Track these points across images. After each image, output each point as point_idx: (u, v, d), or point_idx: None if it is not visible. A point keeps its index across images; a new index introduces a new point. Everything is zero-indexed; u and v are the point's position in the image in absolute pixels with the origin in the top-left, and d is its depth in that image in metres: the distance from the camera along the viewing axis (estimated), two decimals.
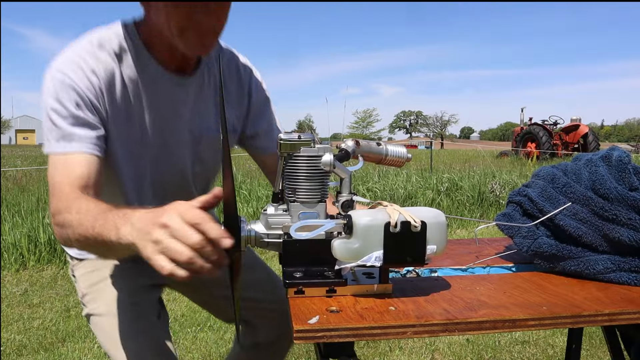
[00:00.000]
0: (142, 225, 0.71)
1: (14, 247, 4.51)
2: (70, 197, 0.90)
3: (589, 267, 0.98)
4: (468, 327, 0.78)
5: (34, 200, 6.08)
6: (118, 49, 1.04)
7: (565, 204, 1.02)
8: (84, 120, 0.98)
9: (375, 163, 1.00)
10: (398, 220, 0.81)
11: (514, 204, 1.13)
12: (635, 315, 0.83)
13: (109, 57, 1.02)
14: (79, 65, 0.99)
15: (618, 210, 0.95)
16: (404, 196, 6.80)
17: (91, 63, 1.00)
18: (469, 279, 1.00)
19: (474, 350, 2.73)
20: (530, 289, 0.93)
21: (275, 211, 0.91)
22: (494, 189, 7.02)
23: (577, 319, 0.81)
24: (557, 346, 2.78)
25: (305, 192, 0.89)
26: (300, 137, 0.88)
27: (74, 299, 3.60)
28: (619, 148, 1.07)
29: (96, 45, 1.02)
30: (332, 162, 0.87)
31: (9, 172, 9.40)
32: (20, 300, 3.61)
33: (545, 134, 15.84)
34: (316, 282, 0.86)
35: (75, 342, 2.89)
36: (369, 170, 8.08)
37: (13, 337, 2.95)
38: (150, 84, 1.07)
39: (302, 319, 0.76)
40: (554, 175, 1.09)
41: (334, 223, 0.84)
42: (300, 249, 0.87)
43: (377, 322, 0.75)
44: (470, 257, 1.17)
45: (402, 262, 0.83)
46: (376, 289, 0.88)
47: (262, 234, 0.91)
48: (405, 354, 2.70)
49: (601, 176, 1.00)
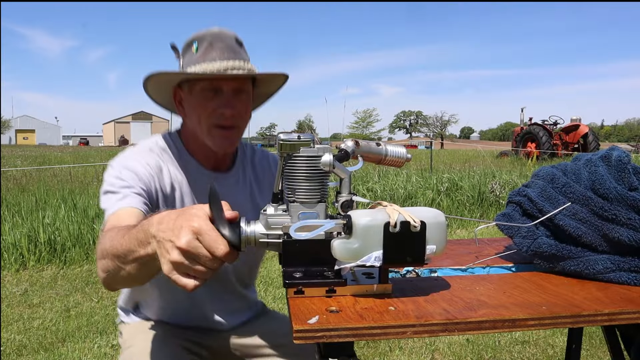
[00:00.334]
0: (162, 238, 0.75)
1: (14, 247, 4.51)
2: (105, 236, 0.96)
3: (589, 267, 0.98)
4: (468, 327, 0.78)
5: (34, 200, 6.08)
6: (163, 151, 1.25)
7: (565, 204, 1.02)
8: (137, 190, 1.13)
9: (375, 163, 1.00)
10: (398, 220, 0.81)
11: (513, 204, 1.13)
12: (635, 315, 0.83)
13: (157, 156, 1.23)
14: (135, 158, 1.19)
15: (618, 210, 0.95)
16: (404, 196, 6.81)
17: (144, 158, 1.20)
18: (469, 279, 1.01)
19: (474, 350, 2.73)
20: (530, 289, 0.93)
21: (275, 211, 0.91)
22: (494, 189, 7.02)
23: (577, 318, 0.81)
24: (557, 346, 2.78)
25: (305, 192, 0.89)
26: (299, 137, 0.88)
27: (74, 299, 3.61)
28: (618, 148, 1.07)
29: (147, 149, 1.24)
30: (331, 162, 0.87)
31: (9, 172, 9.41)
32: (20, 300, 3.61)
33: (545, 134, 15.85)
34: (316, 282, 0.86)
35: (75, 342, 2.90)
36: (369, 170, 8.08)
37: (13, 337, 2.96)
38: (191, 179, 1.25)
39: (302, 319, 0.76)
40: (554, 175, 1.09)
41: (334, 223, 0.84)
42: (300, 249, 0.87)
43: (377, 322, 0.75)
44: (470, 257, 1.17)
45: (401, 262, 0.83)
46: (376, 289, 0.88)
47: (262, 234, 0.91)
48: (405, 354, 2.70)
49: (601, 176, 1.00)
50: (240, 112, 1.19)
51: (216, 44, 1.17)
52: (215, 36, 1.18)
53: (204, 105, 1.17)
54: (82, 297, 3.66)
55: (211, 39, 1.17)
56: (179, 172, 1.24)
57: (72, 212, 5.26)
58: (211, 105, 1.16)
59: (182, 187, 1.24)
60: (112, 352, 2.76)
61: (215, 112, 1.17)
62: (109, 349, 2.80)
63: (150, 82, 1.20)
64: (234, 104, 1.17)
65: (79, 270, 4.33)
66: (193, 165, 1.26)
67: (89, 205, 5.57)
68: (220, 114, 1.16)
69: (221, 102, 1.17)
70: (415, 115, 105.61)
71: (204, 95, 1.17)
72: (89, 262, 4.54)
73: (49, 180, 8.24)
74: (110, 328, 3.08)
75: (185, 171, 1.25)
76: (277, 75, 1.23)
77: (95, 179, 8.69)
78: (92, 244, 4.76)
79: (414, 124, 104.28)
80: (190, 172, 1.25)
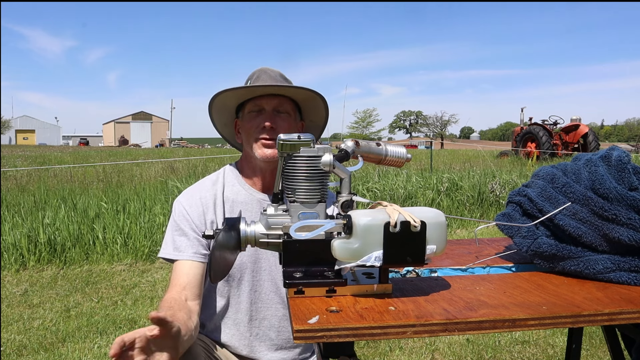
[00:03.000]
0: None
1: (14, 247, 4.51)
2: (164, 299, 1.24)
3: (589, 267, 0.98)
4: (468, 326, 0.78)
5: (34, 200, 6.08)
6: (222, 180, 1.44)
7: (565, 203, 1.02)
8: (191, 236, 1.34)
9: (375, 163, 1.00)
10: (398, 220, 0.81)
11: (513, 204, 1.13)
12: (635, 315, 0.83)
13: (215, 185, 1.42)
14: (192, 195, 1.40)
15: (618, 210, 0.95)
16: (404, 196, 6.80)
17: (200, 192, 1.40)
18: (469, 279, 1.01)
19: (474, 350, 2.73)
20: (530, 289, 0.93)
21: (275, 211, 0.91)
22: (494, 189, 7.02)
23: (577, 318, 0.81)
24: (557, 346, 2.78)
25: (305, 192, 0.89)
26: (300, 137, 0.88)
27: (74, 299, 3.61)
28: (618, 148, 1.07)
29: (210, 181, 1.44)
30: (331, 163, 0.87)
31: (9, 172, 9.41)
32: (20, 300, 3.61)
33: (545, 134, 15.84)
34: (316, 282, 0.86)
35: (75, 342, 2.90)
36: (369, 170, 8.08)
37: (13, 337, 2.96)
38: (243, 201, 1.40)
39: (302, 318, 0.76)
40: (554, 175, 1.09)
41: (334, 223, 0.84)
42: (300, 249, 0.87)
43: (377, 322, 0.75)
44: (470, 257, 1.17)
45: (401, 262, 0.83)
46: (376, 289, 0.88)
47: (262, 234, 0.91)
48: (405, 354, 2.70)
49: (601, 176, 1.00)
50: (281, 127, 1.34)
51: (262, 76, 1.39)
52: (262, 71, 1.41)
53: (251, 123, 1.36)
54: (82, 297, 3.66)
55: (259, 73, 1.40)
56: (232, 195, 1.41)
57: (72, 212, 5.26)
58: (256, 122, 1.35)
59: (233, 207, 1.40)
60: None
61: (258, 127, 1.34)
62: (109, 349, 2.80)
63: (214, 117, 1.44)
64: (275, 119, 1.34)
65: (79, 271, 4.33)
66: (246, 188, 1.42)
67: (89, 205, 5.58)
68: (262, 127, 1.33)
69: (264, 118, 1.34)
70: (415, 115, 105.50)
71: (250, 115, 1.37)
72: (89, 262, 4.54)
73: (49, 181, 8.24)
74: (111, 328, 3.08)
75: (237, 194, 1.41)
76: (318, 102, 1.38)
77: (96, 179, 8.70)
78: (92, 244, 4.76)
79: (414, 124, 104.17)
80: (243, 195, 1.41)
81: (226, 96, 1.37)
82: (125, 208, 5.49)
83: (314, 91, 1.34)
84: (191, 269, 1.31)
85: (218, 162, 10.97)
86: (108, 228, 4.89)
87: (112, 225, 4.94)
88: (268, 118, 1.34)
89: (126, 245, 4.78)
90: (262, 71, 1.41)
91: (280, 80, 1.39)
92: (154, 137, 78.08)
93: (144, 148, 44.71)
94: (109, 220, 5.03)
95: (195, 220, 1.36)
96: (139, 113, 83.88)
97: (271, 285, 1.39)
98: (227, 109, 1.43)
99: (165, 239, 1.39)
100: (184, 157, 13.39)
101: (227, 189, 1.42)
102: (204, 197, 1.39)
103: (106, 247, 4.73)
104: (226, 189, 1.42)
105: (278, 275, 1.39)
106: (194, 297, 1.28)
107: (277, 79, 1.39)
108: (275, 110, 1.35)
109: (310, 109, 1.43)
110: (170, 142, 67.93)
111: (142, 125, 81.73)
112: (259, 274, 1.38)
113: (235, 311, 1.40)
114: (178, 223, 1.36)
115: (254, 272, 1.38)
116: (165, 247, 1.37)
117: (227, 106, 1.42)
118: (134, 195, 6.17)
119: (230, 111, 1.44)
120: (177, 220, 1.37)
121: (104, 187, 7.40)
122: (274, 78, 1.38)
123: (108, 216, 5.16)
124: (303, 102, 1.40)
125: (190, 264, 1.32)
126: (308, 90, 1.34)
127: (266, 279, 1.39)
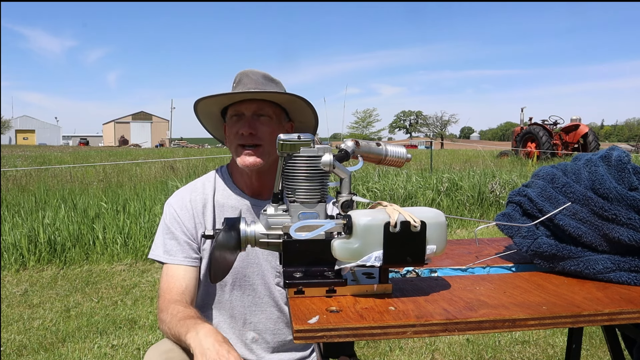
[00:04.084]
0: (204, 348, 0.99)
1: (14, 247, 4.51)
2: (167, 301, 1.26)
3: (589, 267, 0.98)
4: (468, 326, 0.78)
5: (34, 200, 6.08)
6: (213, 182, 1.43)
7: (565, 203, 1.02)
8: (181, 239, 1.36)
9: (375, 163, 1.00)
10: (398, 220, 0.81)
11: (513, 204, 1.13)
12: (635, 315, 0.83)
13: (206, 189, 1.41)
14: (182, 197, 1.40)
15: (618, 210, 0.95)
16: (404, 196, 6.81)
17: (190, 194, 1.40)
18: (469, 279, 1.01)
19: (474, 350, 2.73)
20: (530, 289, 0.93)
21: (275, 211, 0.91)
22: (494, 189, 7.02)
23: (577, 318, 0.81)
24: (557, 346, 2.78)
25: (305, 192, 0.89)
26: (300, 137, 0.88)
27: (74, 299, 3.61)
28: (618, 148, 1.07)
29: (199, 183, 1.44)
30: (331, 163, 0.87)
31: (9, 172, 9.41)
32: (20, 300, 3.61)
33: (545, 134, 15.84)
34: (316, 282, 0.86)
35: (75, 342, 2.90)
36: (369, 170, 8.08)
37: (13, 337, 2.96)
38: (233, 205, 1.40)
39: (302, 318, 0.76)
40: (554, 175, 1.09)
41: (334, 223, 0.84)
42: (300, 249, 0.87)
43: (377, 322, 0.75)
44: (470, 257, 1.17)
45: (401, 262, 0.83)
46: (376, 289, 0.88)
47: (262, 234, 0.91)
48: (405, 354, 2.70)
49: (601, 176, 1.00)
50: (261, 132, 1.31)
51: (244, 79, 1.36)
52: (244, 74, 1.38)
53: (231, 129, 1.35)
54: (82, 297, 3.66)
55: (240, 76, 1.38)
56: (222, 198, 1.41)
57: (72, 212, 5.26)
58: (236, 128, 1.33)
59: (223, 211, 1.40)
60: (112, 352, 2.76)
61: (237, 133, 1.32)
62: (109, 349, 2.80)
63: (204, 121, 1.45)
64: (254, 125, 1.32)
65: (79, 271, 4.33)
66: (236, 193, 1.41)
67: (89, 205, 5.58)
68: (240, 134, 1.31)
69: (242, 124, 1.32)
70: (415, 115, 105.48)
71: (232, 121, 1.35)
72: (89, 263, 4.54)
73: (48, 181, 8.24)
74: (111, 328, 3.08)
75: (228, 197, 1.41)
76: (301, 104, 1.35)
77: (96, 179, 8.69)
78: (92, 244, 4.76)
79: (414, 124, 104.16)
80: (233, 199, 1.41)
81: (206, 103, 1.36)
82: (125, 208, 5.49)
83: (292, 94, 1.32)
84: (187, 273, 1.33)
85: (218, 162, 10.97)
86: (108, 228, 4.89)
87: (112, 225, 4.94)
88: (247, 124, 1.31)
89: (126, 245, 4.78)
90: (244, 74, 1.38)
91: (262, 83, 1.36)
92: (154, 137, 78.06)
93: (144, 148, 44.72)
94: (109, 220, 5.03)
95: (186, 223, 1.36)
96: (139, 113, 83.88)
97: (264, 289, 1.39)
98: (212, 114, 1.43)
99: (156, 241, 1.40)
100: (184, 157, 13.39)
101: (217, 193, 1.42)
102: (194, 199, 1.39)
103: (106, 247, 4.73)
104: (217, 192, 1.42)
105: (270, 278, 1.39)
106: (191, 301, 1.30)
107: (258, 82, 1.36)
108: (255, 115, 1.33)
109: (295, 111, 1.40)
110: (170, 142, 67.87)
111: (142, 125, 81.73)
112: (251, 279, 1.39)
113: (230, 315, 1.41)
114: (169, 226, 1.37)
115: (246, 276, 1.38)
116: (156, 249, 1.39)
117: (212, 112, 1.42)
118: (134, 195, 6.17)
119: (216, 116, 1.43)
120: (168, 223, 1.38)
121: (104, 187, 7.41)
122: (256, 81, 1.36)
123: (108, 216, 5.16)
124: (286, 105, 1.38)
125: (184, 269, 1.33)
126: (285, 94, 1.32)
127: (259, 283, 1.39)
